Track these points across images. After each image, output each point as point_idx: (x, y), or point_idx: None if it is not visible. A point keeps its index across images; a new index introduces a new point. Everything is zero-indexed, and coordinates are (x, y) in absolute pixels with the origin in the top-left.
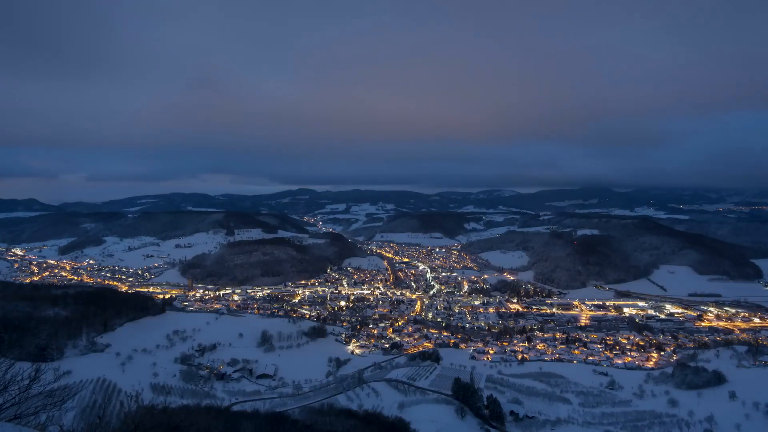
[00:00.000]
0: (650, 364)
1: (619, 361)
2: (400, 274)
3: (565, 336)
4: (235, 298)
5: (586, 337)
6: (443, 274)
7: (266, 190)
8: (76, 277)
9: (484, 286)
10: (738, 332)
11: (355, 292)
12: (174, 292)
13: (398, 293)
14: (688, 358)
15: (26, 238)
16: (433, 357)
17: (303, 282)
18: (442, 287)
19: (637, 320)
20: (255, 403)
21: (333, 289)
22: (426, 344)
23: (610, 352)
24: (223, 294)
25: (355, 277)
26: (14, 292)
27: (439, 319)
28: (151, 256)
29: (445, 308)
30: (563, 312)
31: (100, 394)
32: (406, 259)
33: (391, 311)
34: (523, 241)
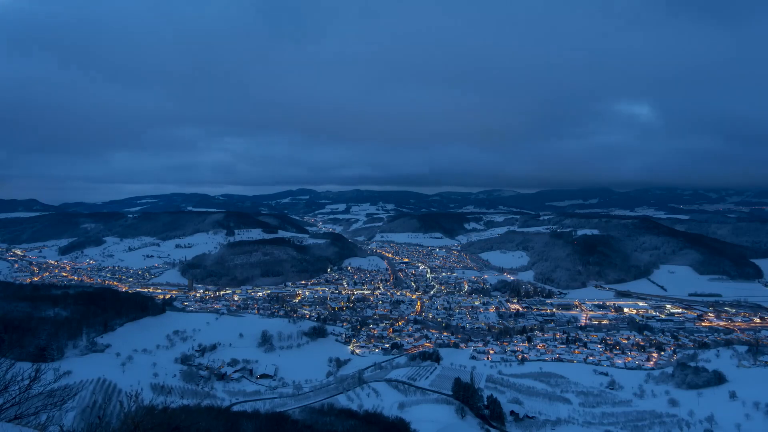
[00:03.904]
0: (650, 364)
1: (620, 361)
2: (400, 274)
3: (565, 336)
4: (236, 298)
5: (587, 337)
6: (443, 274)
7: (266, 190)
8: (76, 278)
9: (484, 286)
10: (738, 332)
11: (355, 292)
12: (174, 292)
13: (398, 293)
14: (688, 357)
15: (26, 238)
16: (433, 357)
17: (303, 282)
18: (442, 287)
19: (637, 320)
20: (255, 403)
21: (333, 289)
22: (426, 344)
23: (611, 352)
24: (223, 294)
25: (356, 277)
26: (14, 293)
27: (439, 319)
28: (151, 256)
29: (445, 308)
30: (563, 312)
31: (100, 394)
32: (406, 259)
33: (391, 311)
34: (523, 241)
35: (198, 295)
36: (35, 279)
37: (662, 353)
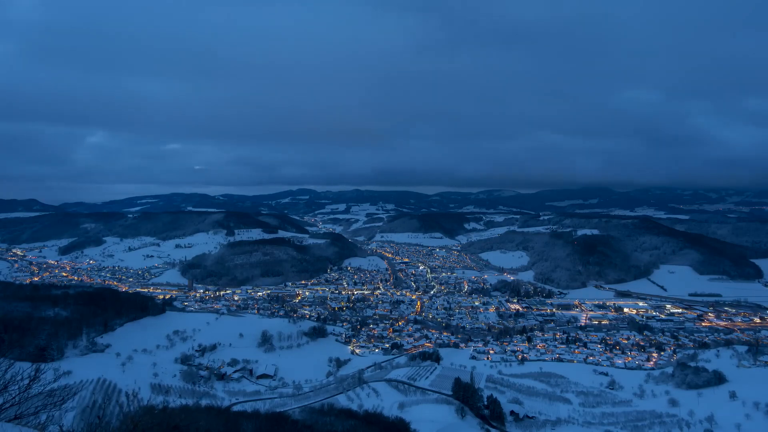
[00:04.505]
0: (650, 364)
1: (620, 361)
2: (400, 274)
3: (565, 336)
4: (236, 298)
5: (587, 337)
6: (443, 274)
7: (266, 190)
8: (76, 278)
9: (484, 286)
10: (738, 332)
11: (355, 292)
12: (174, 292)
13: (398, 293)
14: (688, 357)
15: (26, 238)
16: (433, 357)
17: (303, 282)
18: (442, 287)
19: (637, 320)
20: (255, 403)
21: (333, 289)
22: (426, 344)
23: (611, 352)
24: (223, 294)
25: (356, 277)
26: (14, 293)
27: (439, 319)
28: (152, 256)
29: (445, 308)
30: (563, 312)
31: (100, 394)
32: (406, 259)
33: (391, 311)
34: (523, 241)
35: (198, 295)
36: (35, 279)
37: (662, 353)
